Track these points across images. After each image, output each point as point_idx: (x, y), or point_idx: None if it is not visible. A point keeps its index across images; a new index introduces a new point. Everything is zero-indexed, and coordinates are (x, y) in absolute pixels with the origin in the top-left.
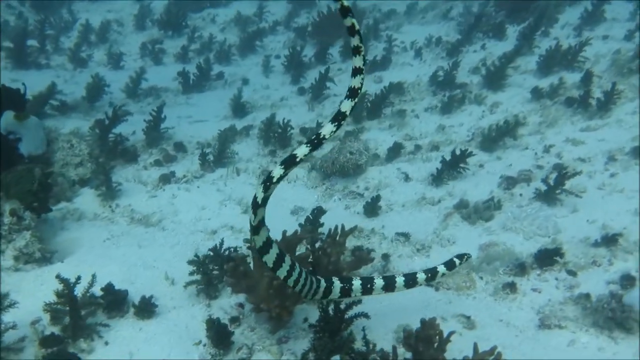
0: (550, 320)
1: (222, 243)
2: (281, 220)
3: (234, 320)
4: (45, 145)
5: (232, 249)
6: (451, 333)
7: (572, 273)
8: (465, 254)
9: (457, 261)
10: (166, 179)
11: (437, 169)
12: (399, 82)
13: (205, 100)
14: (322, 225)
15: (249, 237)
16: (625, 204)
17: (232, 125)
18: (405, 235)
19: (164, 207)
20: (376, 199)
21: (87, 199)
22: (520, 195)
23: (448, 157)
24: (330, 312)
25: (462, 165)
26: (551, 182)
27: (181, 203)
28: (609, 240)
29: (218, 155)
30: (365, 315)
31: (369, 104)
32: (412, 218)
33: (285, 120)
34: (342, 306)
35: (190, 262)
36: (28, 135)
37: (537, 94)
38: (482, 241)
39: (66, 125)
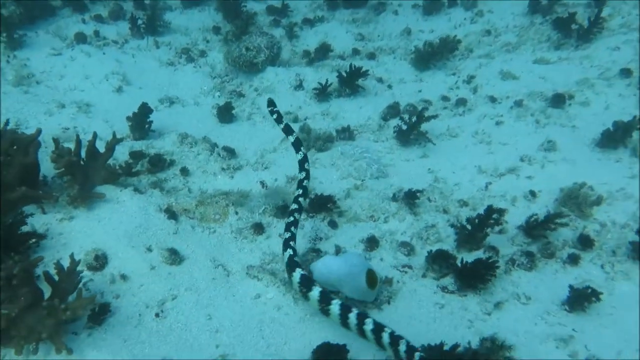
0: (255, 271)
1: None
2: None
3: None
4: None
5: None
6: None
7: (333, 225)
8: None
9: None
10: (82, 38)
11: (326, 80)
12: None
13: None
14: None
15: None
16: (482, 158)
17: None
18: (231, 152)
19: (54, 69)
20: (227, 105)
21: None
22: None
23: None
24: None
25: (358, 82)
26: (412, 120)
27: (73, 67)
28: (409, 196)
29: (149, 21)
30: None
31: None
32: (256, 132)
33: None
34: None
35: None
36: None
37: (534, 7)
38: (293, 173)
39: None
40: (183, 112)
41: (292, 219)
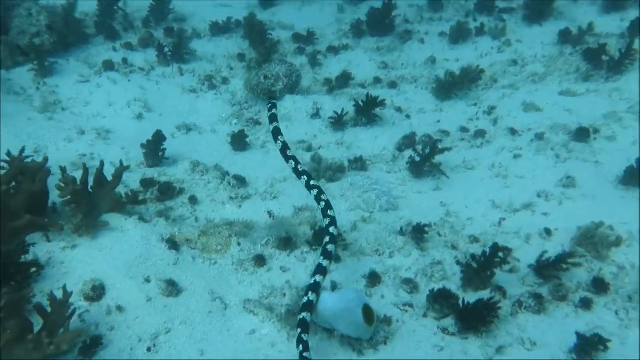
0: (252, 306)
1: None
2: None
3: None
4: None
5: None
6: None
7: (336, 259)
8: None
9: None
10: (109, 66)
11: (342, 109)
12: None
13: None
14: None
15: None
16: (497, 192)
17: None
18: (241, 180)
19: (81, 95)
20: (241, 134)
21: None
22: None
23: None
24: None
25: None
26: (425, 152)
27: (98, 94)
28: (417, 231)
29: (175, 49)
30: None
31: None
32: (268, 160)
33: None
34: None
35: None
36: None
37: (564, 37)
38: (301, 203)
39: None
40: (199, 140)
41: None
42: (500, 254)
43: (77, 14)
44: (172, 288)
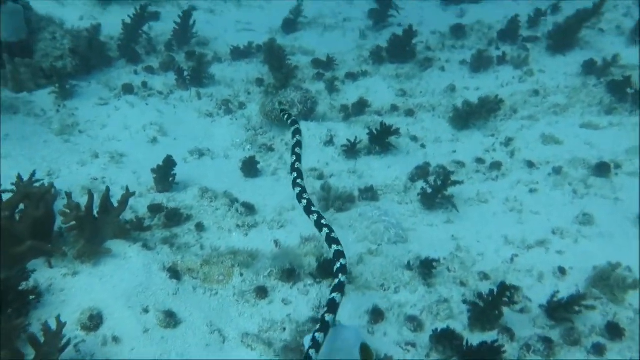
0: (250, 340)
1: None
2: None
3: None
4: (25, 32)
5: None
6: None
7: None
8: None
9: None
10: (129, 89)
11: (355, 137)
12: None
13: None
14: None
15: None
16: (510, 228)
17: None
18: (250, 208)
19: (99, 118)
20: (252, 160)
21: (47, 93)
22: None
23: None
24: None
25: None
26: (437, 183)
27: (115, 117)
28: (424, 265)
29: (194, 73)
30: None
31: None
32: (279, 188)
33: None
34: None
35: None
36: (3, 21)
37: (588, 67)
38: (308, 233)
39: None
40: (211, 165)
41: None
42: (508, 293)
43: (102, 37)
44: (170, 319)
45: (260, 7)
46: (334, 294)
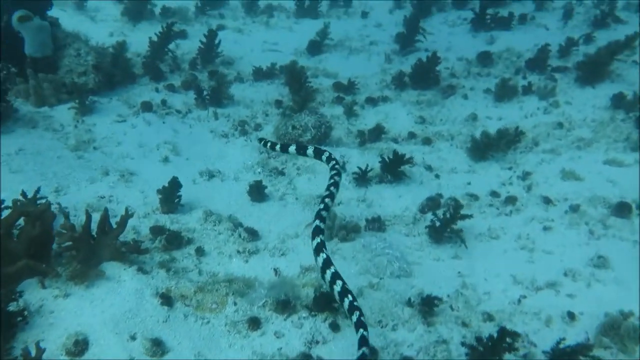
0: None
1: None
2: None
3: None
4: (50, 49)
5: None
6: None
7: (335, 327)
8: None
9: None
10: (148, 107)
11: (366, 165)
12: None
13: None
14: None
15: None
16: (520, 266)
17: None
18: (253, 233)
19: (115, 135)
20: (259, 184)
21: (66, 108)
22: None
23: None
24: None
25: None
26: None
27: (131, 135)
28: (425, 303)
29: (214, 93)
30: None
31: None
32: (285, 213)
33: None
34: None
35: None
36: (29, 37)
37: (617, 101)
38: (309, 262)
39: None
40: (220, 187)
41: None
42: (509, 339)
43: (129, 54)
44: (157, 348)
45: (289, 28)
46: None
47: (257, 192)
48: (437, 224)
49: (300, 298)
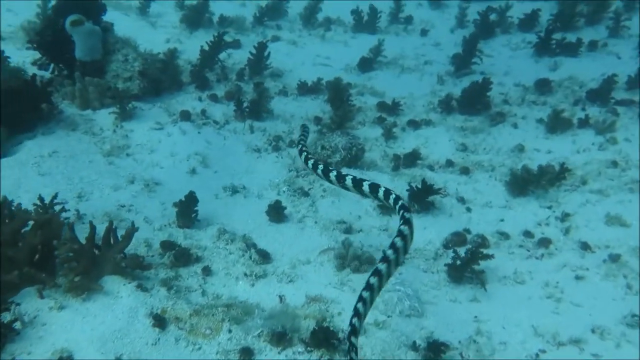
0: None
1: None
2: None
3: None
4: (99, 53)
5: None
6: None
7: None
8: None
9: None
10: (186, 116)
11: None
12: None
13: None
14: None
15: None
16: (543, 317)
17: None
18: (264, 256)
19: (150, 142)
20: (278, 205)
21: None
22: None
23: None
24: None
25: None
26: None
27: (165, 143)
28: (431, 349)
29: (253, 106)
30: None
31: None
32: (301, 237)
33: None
34: None
35: None
36: (79, 41)
37: None
38: (316, 292)
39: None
40: (242, 204)
41: None
42: None
43: (181, 61)
44: None
45: (345, 42)
46: None
47: (276, 213)
48: (458, 262)
49: (300, 330)
